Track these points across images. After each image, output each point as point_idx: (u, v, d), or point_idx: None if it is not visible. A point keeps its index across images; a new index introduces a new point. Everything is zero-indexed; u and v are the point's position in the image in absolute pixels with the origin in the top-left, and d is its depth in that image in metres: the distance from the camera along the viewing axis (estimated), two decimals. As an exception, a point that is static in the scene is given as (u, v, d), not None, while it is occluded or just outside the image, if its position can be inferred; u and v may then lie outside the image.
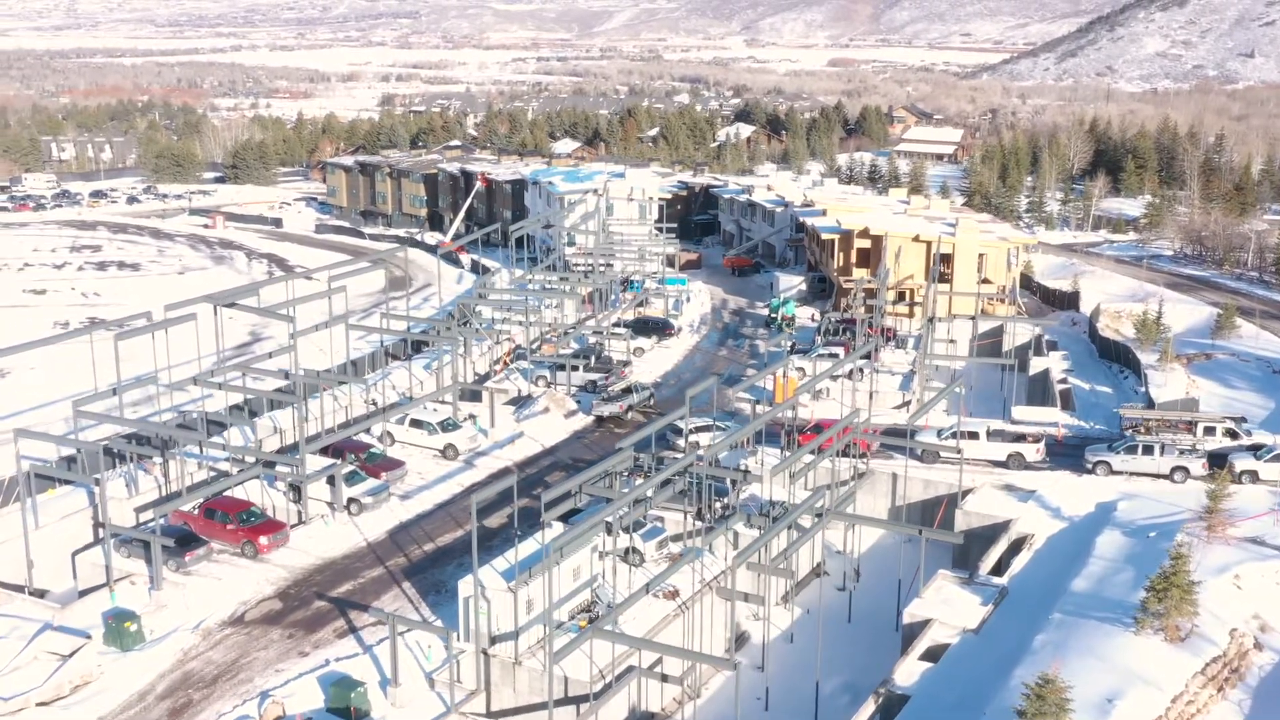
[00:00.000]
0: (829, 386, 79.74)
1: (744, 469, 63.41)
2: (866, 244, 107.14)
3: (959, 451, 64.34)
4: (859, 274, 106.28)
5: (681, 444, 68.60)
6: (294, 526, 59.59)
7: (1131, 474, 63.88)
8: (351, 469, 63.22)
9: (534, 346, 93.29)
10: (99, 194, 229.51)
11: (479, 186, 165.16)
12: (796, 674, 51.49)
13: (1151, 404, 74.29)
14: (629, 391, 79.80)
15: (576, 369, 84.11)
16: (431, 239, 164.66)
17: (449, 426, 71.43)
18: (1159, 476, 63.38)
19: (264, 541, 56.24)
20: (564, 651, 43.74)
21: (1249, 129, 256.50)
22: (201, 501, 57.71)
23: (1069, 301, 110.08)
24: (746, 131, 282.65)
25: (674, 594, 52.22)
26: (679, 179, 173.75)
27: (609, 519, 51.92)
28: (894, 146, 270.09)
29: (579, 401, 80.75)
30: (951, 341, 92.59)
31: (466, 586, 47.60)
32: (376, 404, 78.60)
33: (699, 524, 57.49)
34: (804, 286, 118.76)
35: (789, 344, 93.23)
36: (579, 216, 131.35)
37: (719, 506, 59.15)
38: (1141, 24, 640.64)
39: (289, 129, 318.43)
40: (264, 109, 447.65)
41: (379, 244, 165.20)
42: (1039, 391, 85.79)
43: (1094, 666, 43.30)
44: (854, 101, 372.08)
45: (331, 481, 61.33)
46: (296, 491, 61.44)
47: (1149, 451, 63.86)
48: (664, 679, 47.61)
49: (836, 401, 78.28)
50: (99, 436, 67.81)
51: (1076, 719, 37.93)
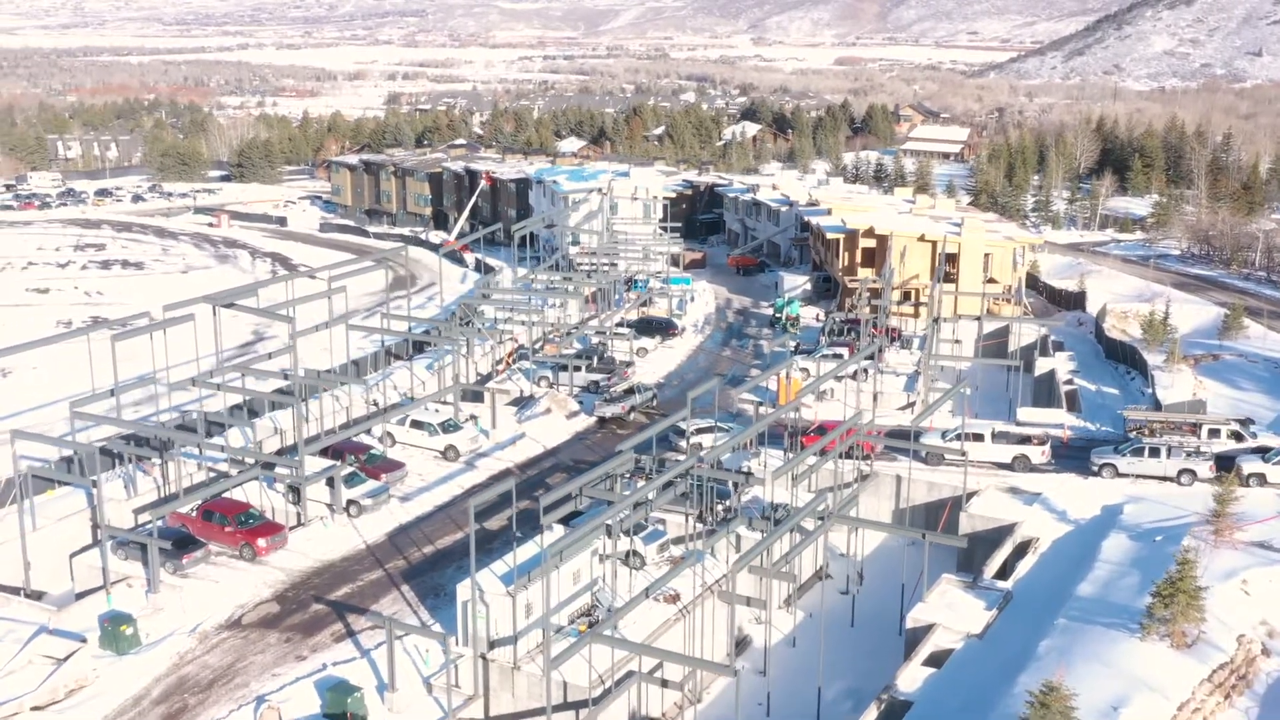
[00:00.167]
0: (833, 387, 79.23)
1: (747, 471, 62.95)
2: (871, 243, 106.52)
3: (963, 454, 63.75)
4: (864, 274, 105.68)
5: (684, 445, 68.22)
6: (293, 529, 59.13)
7: (1138, 477, 63.29)
8: (351, 470, 62.72)
9: (537, 346, 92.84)
10: (104, 192, 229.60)
11: (483, 185, 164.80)
12: (799, 679, 51.00)
13: (1158, 405, 73.62)
14: (631, 392, 79.28)
15: (579, 369, 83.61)
16: (436, 238, 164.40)
17: (450, 428, 70.89)
18: (1165, 479, 62.80)
19: (262, 544, 55.80)
20: (562, 657, 43.25)
21: (1257, 128, 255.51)
22: (199, 503, 57.31)
23: (1075, 301, 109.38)
24: (752, 130, 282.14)
25: (675, 598, 51.72)
26: (684, 178, 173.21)
27: (609, 522, 51.46)
28: (900, 145, 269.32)
29: (581, 402, 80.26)
30: (957, 342, 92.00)
31: (465, 590, 47.13)
32: (377, 404, 78.15)
33: (701, 527, 57.01)
34: (809, 286, 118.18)
35: (793, 344, 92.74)
36: (583, 216, 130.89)
37: (721, 509, 58.66)
38: (1149, 22, 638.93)
39: (294, 127, 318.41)
40: (270, 107, 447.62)
41: (383, 243, 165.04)
42: (1045, 392, 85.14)
43: (1099, 673, 42.77)
44: (860, 100, 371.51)
45: (331, 483, 60.87)
46: (296, 493, 60.95)
47: (1155, 454, 63.23)
48: (664, 684, 47.05)
49: (841, 403, 77.71)
50: (99, 437, 67.57)
51: (1081, 727, 37.45)
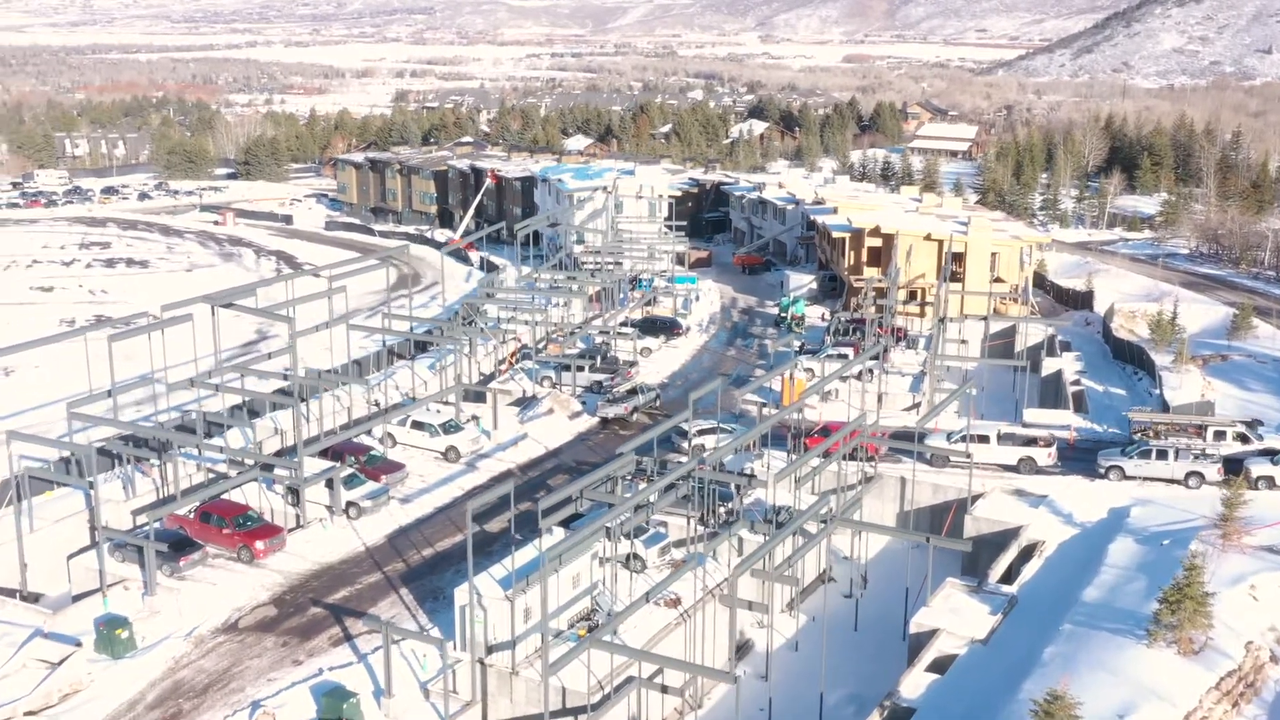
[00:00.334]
0: (837, 388, 78.59)
1: (750, 473, 62.39)
2: (878, 242, 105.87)
3: (968, 456, 63.10)
4: (870, 273, 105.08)
5: (686, 447, 67.64)
6: (291, 530, 58.65)
7: (1145, 479, 62.66)
8: (351, 472, 62.23)
9: (540, 346, 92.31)
10: (110, 190, 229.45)
11: (488, 183, 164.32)
12: (801, 683, 50.46)
13: (1166, 406, 72.95)
14: (634, 393, 78.71)
15: (582, 369, 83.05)
16: (441, 236, 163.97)
17: (451, 428, 70.35)
18: (1173, 482, 62.15)
19: (260, 546, 55.30)
20: (560, 663, 42.73)
21: (1266, 125, 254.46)
22: (197, 505, 56.87)
23: (1083, 301, 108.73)
24: (760, 128, 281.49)
25: (676, 601, 51.17)
26: (690, 176, 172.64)
27: (609, 524, 50.90)
28: (908, 143, 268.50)
29: (584, 403, 79.73)
30: (963, 342, 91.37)
31: (463, 594, 46.63)
32: (379, 405, 77.66)
33: (703, 529, 56.46)
34: (814, 285, 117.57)
35: (798, 344, 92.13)
36: (587, 214, 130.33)
37: (723, 512, 58.08)
38: (1158, 20, 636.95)
39: (301, 125, 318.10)
40: (278, 105, 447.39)
41: (389, 241, 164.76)
42: (1051, 393, 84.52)
43: (1105, 680, 42.15)
44: (868, 98, 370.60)
45: (330, 485, 60.38)
46: (295, 495, 60.48)
47: (1163, 456, 62.55)
48: (664, 690, 46.51)
49: (845, 403, 77.04)
50: (98, 437, 67.10)
51: (1086, 736, 36.88)
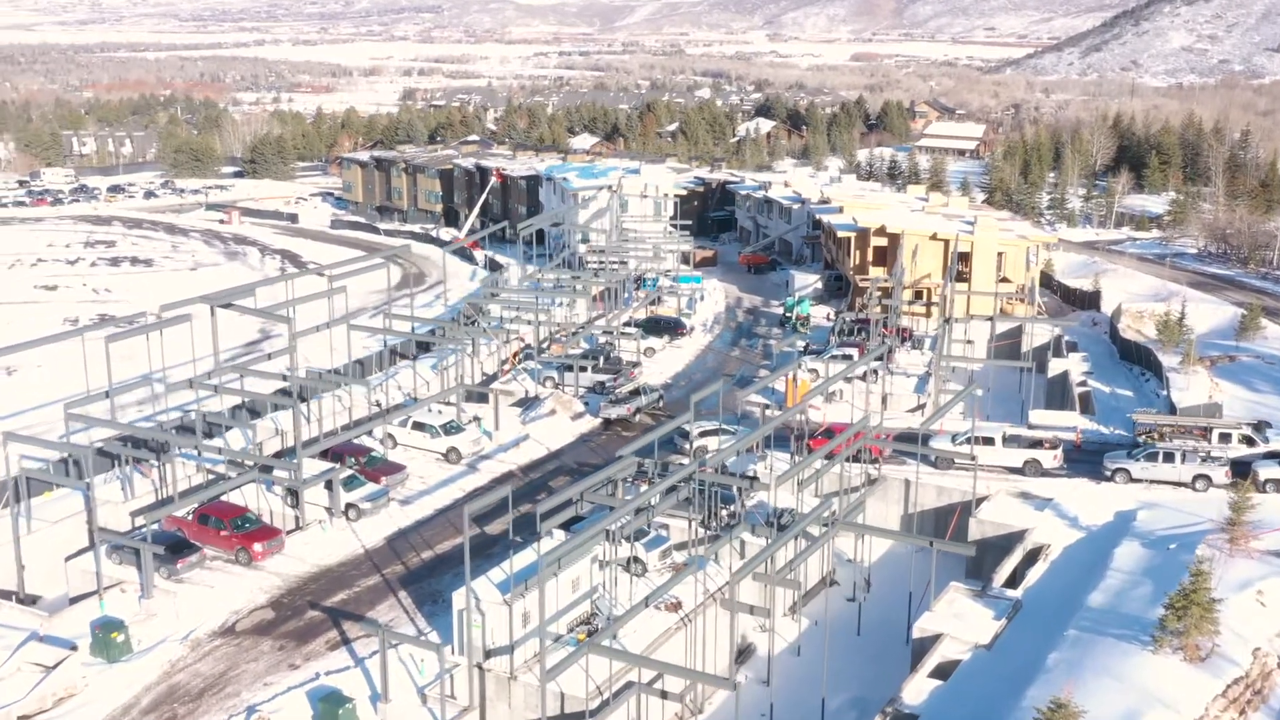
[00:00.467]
0: (842, 389, 77.96)
1: (753, 475, 61.85)
2: (883, 242, 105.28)
3: (973, 458, 62.49)
4: (876, 272, 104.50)
5: (690, 449, 67.07)
6: (290, 532, 58.23)
7: (1151, 482, 62.04)
8: (350, 473, 61.79)
9: (543, 346, 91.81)
10: (117, 189, 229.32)
11: (494, 182, 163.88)
12: (803, 688, 49.96)
13: (1173, 408, 72.29)
14: (637, 393, 78.17)
15: (585, 370, 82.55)
16: (447, 235, 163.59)
17: (452, 429, 69.87)
18: (1180, 485, 61.50)
19: (258, 548, 54.85)
20: (558, 668, 42.28)
21: (1275, 124, 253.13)
22: (196, 507, 56.47)
23: (1090, 301, 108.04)
24: (766, 127, 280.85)
25: (676, 606, 50.65)
26: (696, 175, 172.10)
27: (610, 527, 50.39)
28: (915, 142, 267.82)
29: (587, 403, 79.24)
30: (969, 342, 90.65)
31: (461, 598, 46.17)
32: (380, 405, 77.22)
33: (705, 532, 55.94)
34: (820, 285, 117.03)
35: (802, 344, 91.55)
36: (592, 213, 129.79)
37: (725, 514, 57.52)
38: (1167, 18, 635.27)
39: (308, 124, 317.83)
40: (286, 104, 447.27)
41: (394, 239, 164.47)
42: (1058, 394, 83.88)
43: (1110, 687, 41.60)
44: (876, 96, 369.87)
45: (329, 486, 59.93)
46: (294, 496, 60.04)
47: (1170, 459, 61.91)
48: (664, 696, 45.98)
49: (852, 405, 76.41)
50: (98, 438, 66.70)
51: (1090, 745, 36.34)
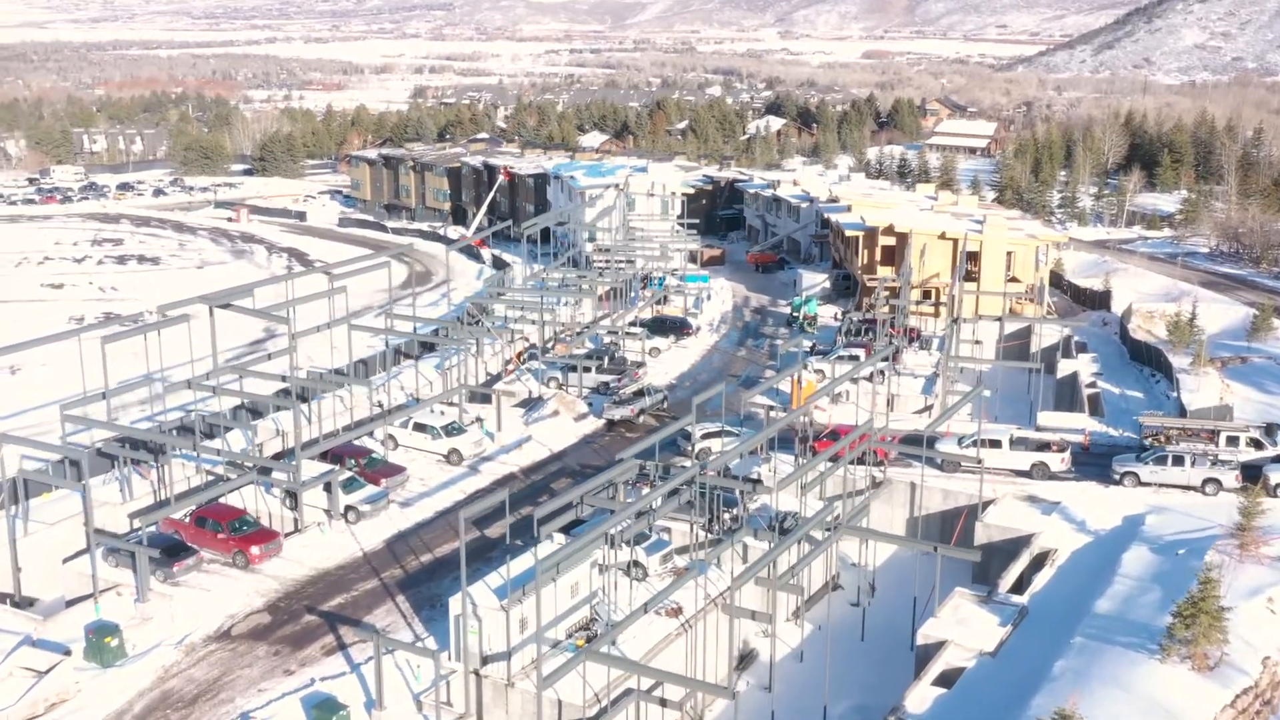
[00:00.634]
0: (848, 390, 77.20)
1: (756, 478, 61.19)
2: (891, 241, 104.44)
3: (979, 461, 61.67)
4: (884, 272, 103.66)
5: (692, 451, 66.35)
6: (288, 535, 57.70)
7: (1161, 486, 61.17)
8: (350, 475, 61.20)
9: (548, 346, 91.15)
10: (126, 186, 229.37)
11: (501, 180, 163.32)
12: (805, 694, 49.31)
13: (1183, 410, 71.38)
14: (641, 394, 77.48)
15: (589, 370, 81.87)
16: (455, 233, 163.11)
17: (453, 430, 69.24)
18: (1190, 489, 60.63)
19: (255, 551, 54.32)
20: (554, 676, 41.66)
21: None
22: (193, 509, 55.96)
23: (1100, 301, 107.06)
24: (776, 124, 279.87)
25: (677, 611, 49.99)
26: (704, 173, 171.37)
27: (610, 531, 49.73)
28: (926, 140, 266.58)
29: (590, 404, 78.58)
30: (977, 343, 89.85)
31: (457, 604, 45.56)
32: (382, 406, 76.64)
33: (707, 536, 55.26)
34: (828, 284, 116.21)
35: (809, 344, 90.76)
36: (599, 212, 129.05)
37: (728, 518, 56.80)
38: (1180, 15, 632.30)
39: (318, 121, 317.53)
40: (297, 101, 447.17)
41: (402, 238, 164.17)
42: (1067, 396, 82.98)
43: (1116, 697, 40.85)
44: (887, 94, 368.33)
45: (328, 488, 59.36)
46: (293, 498, 59.49)
47: (1179, 462, 61.00)
48: (663, 703, 45.33)
49: (857, 406, 75.61)
50: (99, 438, 66.21)
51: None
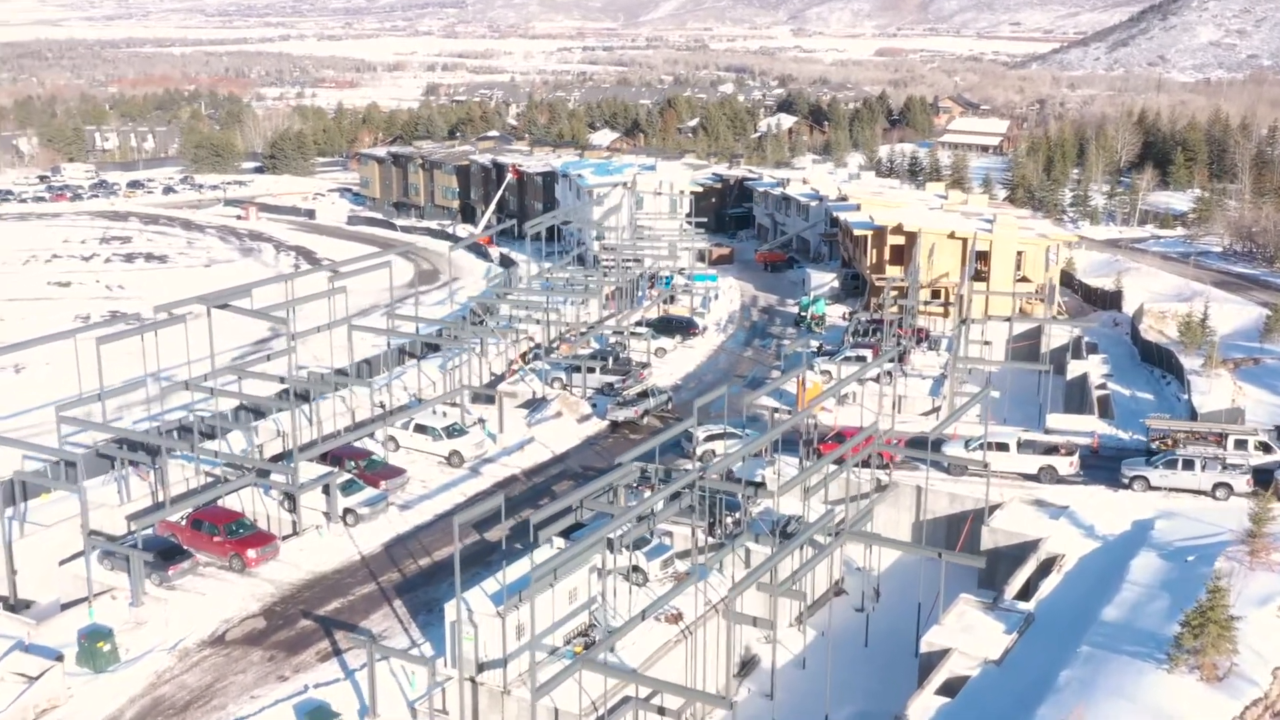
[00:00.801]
0: (855, 391, 76.29)
1: (760, 481, 60.42)
2: (900, 240, 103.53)
3: (985, 465, 60.78)
4: (893, 271, 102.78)
5: (696, 453, 65.58)
6: (286, 538, 57.11)
7: (1170, 490, 60.27)
8: (349, 477, 60.58)
9: (552, 346, 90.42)
10: (136, 184, 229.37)
11: (510, 178, 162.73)
12: (807, 702, 48.65)
13: (1194, 412, 70.44)
14: (645, 395, 76.70)
15: (593, 370, 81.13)
16: (464, 231, 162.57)
17: (454, 432, 68.53)
18: (1200, 493, 59.74)
19: (252, 555, 53.77)
20: (549, 685, 40.99)
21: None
22: (190, 512, 55.43)
23: (1111, 301, 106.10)
24: (788, 122, 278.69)
25: (677, 617, 49.27)
26: (714, 171, 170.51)
27: (610, 536, 49.01)
28: (938, 138, 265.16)
29: (594, 405, 77.84)
30: (986, 343, 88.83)
31: (453, 610, 44.90)
32: (384, 407, 76.01)
33: (710, 540, 54.52)
34: (836, 284, 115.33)
35: (816, 345, 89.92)
36: (605, 210, 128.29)
37: (730, 522, 56.02)
38: (1195, 13, 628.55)
39: (329, 119, 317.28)
40: (310, 99, 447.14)
41: (410, 236, 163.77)
42: (1076, 397, 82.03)
43: (1123, 709, 40.06)
44: (900, 92, 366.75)
45: (327, 491, 58.74)
46: (291, 501, 58.90)
47: (1189, 466, 60.11)
48: (661, 712, 44.58)
49: (862, 407, 74.62)
50: (102, 439, 65.64)
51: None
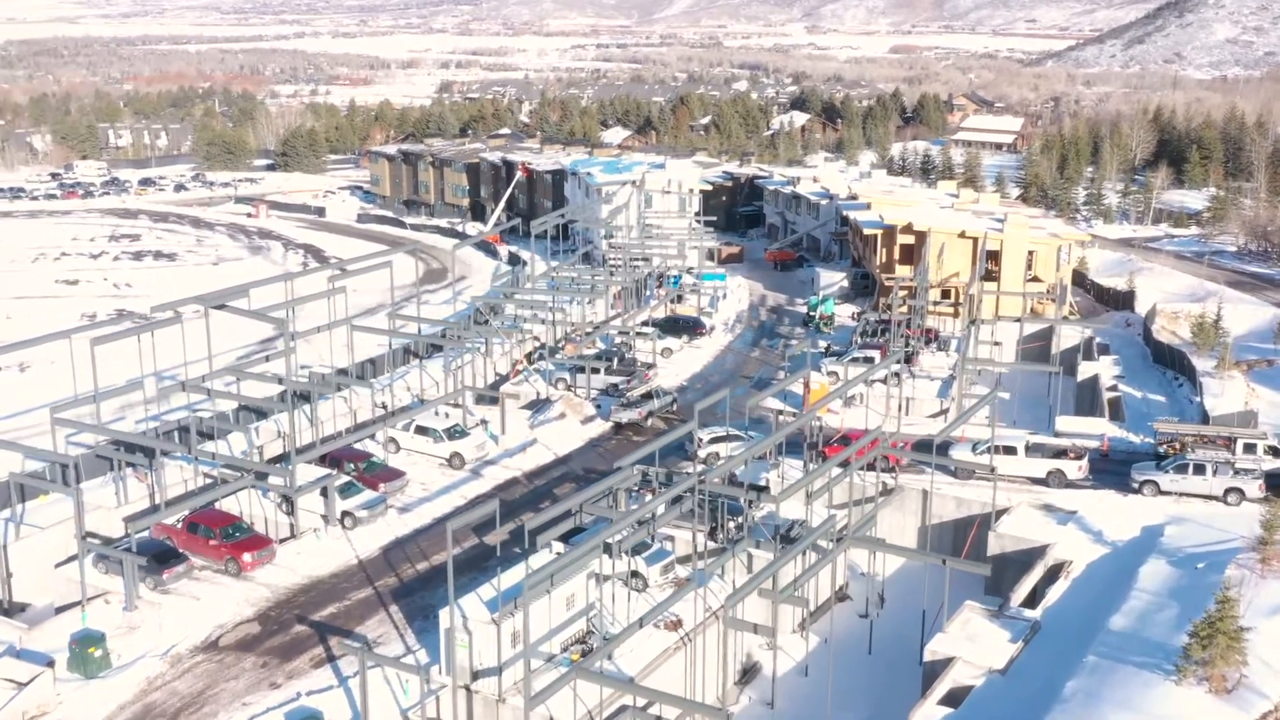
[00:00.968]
0: (862, 392, 75.31)
1: (763, 484, 59.61)
2: (910, 239, 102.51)
3: (992, 469, 59.83)
4: (903, 271, 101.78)
5: (699, 456, 64.74)
6: (283, 541, 56.47)
7: (1181, 495, 59.29)
8: (347, 480, 59.91)
9: (557, 346, 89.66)
10: (147, 181, 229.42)
11: (519, 176, 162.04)
12: (809, 710, 47.86)
13: (1206, 415, 69.40)
14: (650, 397, 75.87)
15: (597, 371, 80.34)
16: (473, 229, 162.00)
17: (456, 434, 67.77)
18: (1211, 498, 58.74)
19: (248, 559, 53.11)
20: (544, 694, 40.26)
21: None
22: (186, 514, 54.83)
23: (1124, 301, 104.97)
24: (801, 120, 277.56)
25: (677, 624, 48.49)
26: (724, 169, 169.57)
27: (609, 540, 48.24)
28: (952, 135, 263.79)
29: (598, 406, 77.07)
30: (997, 344, 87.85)
31: (448, 617, 44.19)
32: (386, 408, 75.37)
33: (712, 545, 53.73)
34: (846, 283, 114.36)
35: (824, 345, 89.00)
36: (613, 209, 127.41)
37: (733, 526, 55.19)
38: (1211, 9, 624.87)
39: (342, 116, 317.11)
40: (323, 96, 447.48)
41: (420, 234, 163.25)
42: (1087, 399, 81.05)
43: (1129, 721, 39.22)
44: (914, 89, 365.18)
45: (325, 493, 58.09)
46: (289, 503, 58.26)
47: (1200, 471, 59.10)
48: (659, 720, 43.93)
49: (868, 409, 73.71)
50: (102, 440, 65.12)
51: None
